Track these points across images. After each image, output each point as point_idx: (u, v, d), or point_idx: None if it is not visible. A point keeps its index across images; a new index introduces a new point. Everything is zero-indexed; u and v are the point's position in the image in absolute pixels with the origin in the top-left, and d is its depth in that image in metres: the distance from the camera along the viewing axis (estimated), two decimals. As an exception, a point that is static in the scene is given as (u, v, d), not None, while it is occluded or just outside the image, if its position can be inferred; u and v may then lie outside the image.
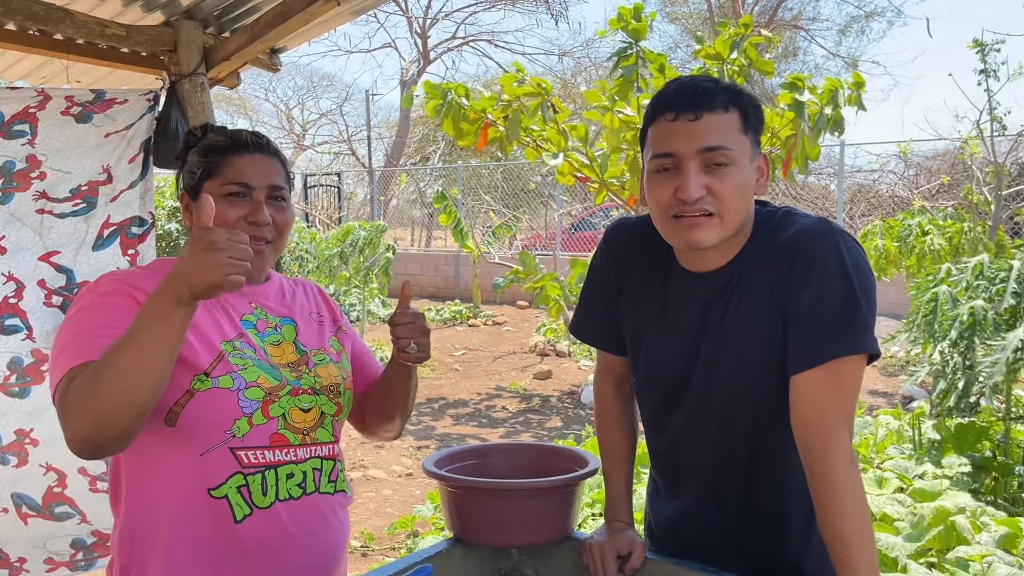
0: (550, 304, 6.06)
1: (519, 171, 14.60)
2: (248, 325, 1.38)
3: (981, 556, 2.65)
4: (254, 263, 1.26)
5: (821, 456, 1.22)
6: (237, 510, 1.29)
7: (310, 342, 1.44)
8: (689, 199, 1.25)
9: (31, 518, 2.63)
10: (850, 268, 1.24)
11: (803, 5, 19.91)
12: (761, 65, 4.61)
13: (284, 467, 1.33)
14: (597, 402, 1.61)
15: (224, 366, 1.30)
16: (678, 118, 1.26)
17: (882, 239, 6.31)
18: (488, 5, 21.57)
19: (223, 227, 1.25)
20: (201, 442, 1.28)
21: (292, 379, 1.36)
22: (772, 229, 1.33)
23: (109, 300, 1.27)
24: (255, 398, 1.31)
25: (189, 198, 1.39)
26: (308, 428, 1.37)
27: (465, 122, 5.35)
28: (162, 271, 1.25)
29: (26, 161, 2.53)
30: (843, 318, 1.23)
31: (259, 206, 1.34)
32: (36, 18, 2.45)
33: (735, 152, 1.26)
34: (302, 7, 2.45)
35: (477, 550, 1.51)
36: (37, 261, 2.56)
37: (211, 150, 1.37)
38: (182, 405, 1.27)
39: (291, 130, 25.33)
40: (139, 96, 2.69)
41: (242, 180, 1.34)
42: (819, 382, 1.23)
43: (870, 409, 5.44)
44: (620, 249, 1.47)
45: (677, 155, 1.26)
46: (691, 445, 1.42)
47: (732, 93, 1.28)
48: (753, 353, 1.31)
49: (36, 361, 2.58)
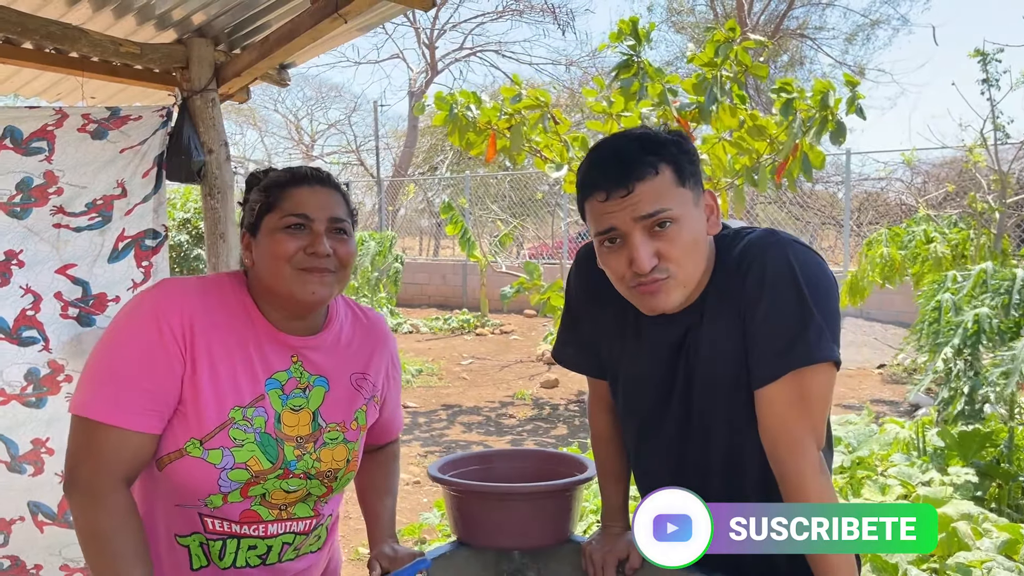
0: (556, 313, 6.10)
1: (527, 180, 14.67)
2: (274, 385, 1.34)
3: (981, 562, 2.67)
4: (317, 293, 1.29)
5: (791, 468, 1.23)
6: (195, 560, 1.34)
7: (332, 414, 1.39)
8: (643, 271, 1.23)
9: (47, 526, 2.69)
10: (800, 277, 1.23)
11: (809, 14, 19.94)
12: (755, 70, 4.65)
13: (248, 539, 1.35)
14: (592, 428, 1.61)
15: (221, 439, 1.28)
16: (609, 197, 1.24)
17: (887, 247, 6.34)
18: (495, 16, 21.71)
19: (283, 258, 1.28)
20: (177, 496, 1.32)
21: (291, 459, 1.33)
22: (724, 253, 1.32)
23: (146, 348, 1.25)
24: (238, 480, 1.30)
25: (249, 236, 1.35)
26: (287, 504, 1.37)
27: (473, 132, 5.41)
28: (218, 306, 1.30)
29: (44, 177, 2.60)
30: (796, 329, 1.22)
31: (318, 237, 1.30)
32: (53, 37, 2.53)
33: (675, 210, 1.23)
34: (310, 25, 2.51)
35: (480, 553, 1.55)
36: (54, 274, 2.63)
37: (270, 186, 1.35)
38: (172, 459, 1.29)
39: (299, 140, 25.51)
40: (152, 112, 2.76)
41: (301, 211, 1.31)
42: (780, 395, 1.23)
43: (876, 417, 5.45)
44: (593, 278, 1.40)
45: (618, 229, 1.24)
46: (670, 470, 1.42)
47: (657, 152, 1.24)
48: (725, 377, 1.31)
49: (53, 372, 2.65)
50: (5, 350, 2.57)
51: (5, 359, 2.58)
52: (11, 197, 2.56)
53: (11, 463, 2.62)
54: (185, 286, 1.32)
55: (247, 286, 1.36)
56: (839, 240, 11.19)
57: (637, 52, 4.72)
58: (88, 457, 1.23)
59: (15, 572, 2.67)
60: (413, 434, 6.38)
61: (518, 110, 5.10)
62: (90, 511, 1.21)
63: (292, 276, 1.29)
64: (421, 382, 8.28)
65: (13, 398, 2.60)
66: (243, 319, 1.33)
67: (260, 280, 1.33)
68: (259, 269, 1.32)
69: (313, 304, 1.33)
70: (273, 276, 1.30)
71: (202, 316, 1.29)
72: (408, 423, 6.73)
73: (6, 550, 2.64)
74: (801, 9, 19.59)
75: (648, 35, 4.79)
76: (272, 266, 1.29)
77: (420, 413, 7.09)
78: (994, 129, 6.51)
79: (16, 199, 2.57)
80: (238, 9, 2.67)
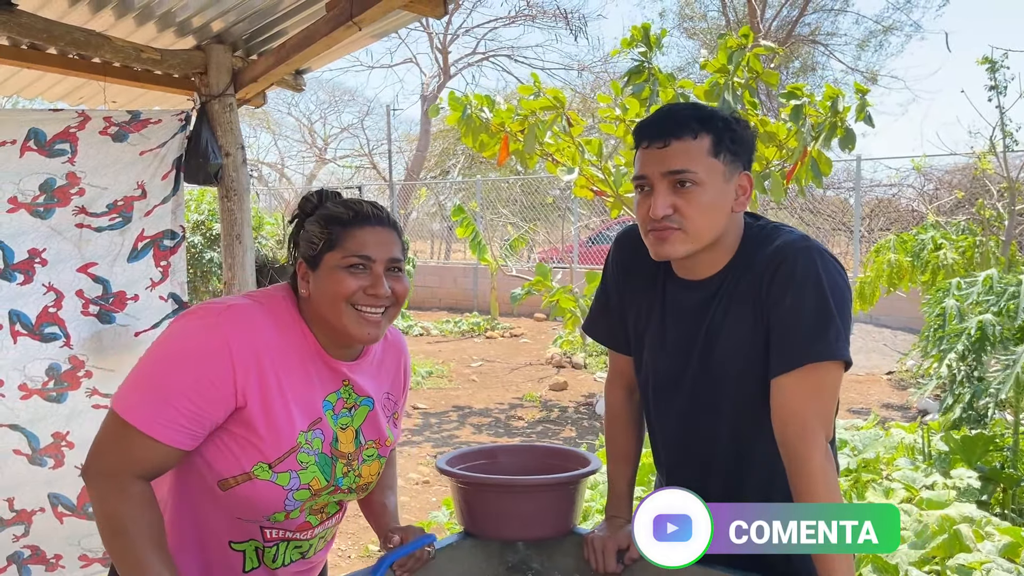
0: (566, 316, 6.16)
1: (538, 184, 14.73)
2: (328, 407, 1.40)
3: (980, 563, 2.71)
4: (372, 334, 1.35)
5: (800, 453, 1.32)
6: (248, 562, 1.42)
7: (370, 432, 1.47)
8: (656, 216, 1.39)
9: (67, 517, 2.77)
10: (825, 282, 1.35)
11: (821, 20, 19.92)
12: (766, 76, 4.70)
13: (295, 542, 1.45)
14: (608, 406, 1.71)
15: (289, 462, 1.34)
16: (650, 146, 1.40)
17: (895, 254, 6.36)
18: (508, 21, 21.79)
19: (343, 297, 1.33)
20: (239, 511, 1.37)
21: (339, 476, 1.41)
22: (758, 243, 1.44)
23: (205, 374, 1.27)
24: (301, 499, 1.37)
25: (308, 267, 1.38)
26: (327, 510, 1.47)
27: (486, 134, 5.47)
28: (277, 332, 1.34)
29: (66, 178, 2.68)
30: (818, 327, 1.34)
31: (379, 279, 1.35)
32: (77, 44, 2.61)
33: (700, 174, 1.37)
34: (326, 32, 2.58)
35: (486, 544, 1.61)
36: (76, 272, 2.71)
37: (332, 221, 1.37)
38: (238, 482, 1.33)
39: (312, 143, 25.66)
40: (171, 116, 2.84)
41: (363, 253, 1.35)
42: (796, 385, 1.34)
43: (883, 422, 5.47)
44: (628, 255, 1.59)
45: (648, 178, 1.40)
46: (684, 441, 1.53)
47: (704, 120, 1.39)
48: (737, 358, 1.42)
49: (73, 367, 2.72)
50: (28, 346, 2.65)
51: (28, 355, 2.66)
52: (35, 198, 2.65)
53: (32, 456, 2.70)
54: (256, 318, 1.34)
55: (298, 308, 1.41)
56: (850, 246, 11.19)
57: (648, 58, 4.78)
58: (117, 452, 1.28)
59: (36, 561, 2.75)
60: (424, 435, 6.44)
61: (534, 110, 5.15)
62: (110, 497, 1.26)
63: (351, 315, 1.34)
64: (431, 384, 8.34)
65: (35, 392, 2.68)
66: (303, 346, 1.38)
67: (316, 310, 1.37)
68: (317, 301, 1.36)
69: (367, 343, 1.40)
70: (332, 312, 1.35)
71: (271, 350, 1.33)
72: (419, 424, 6.80)
73: (27, 540, 2.71)
74: (813, 15, 19.58)
75: (659, 41, 4.85)
76: (332, 303, 1.34)
77: (431, 414, 7.16)
78: (1003, 136, 6.53)
79: (40, 199, 2.65)
80: (256, 16, 2.74)
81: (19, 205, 2.63)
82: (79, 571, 2.81)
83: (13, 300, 2.62)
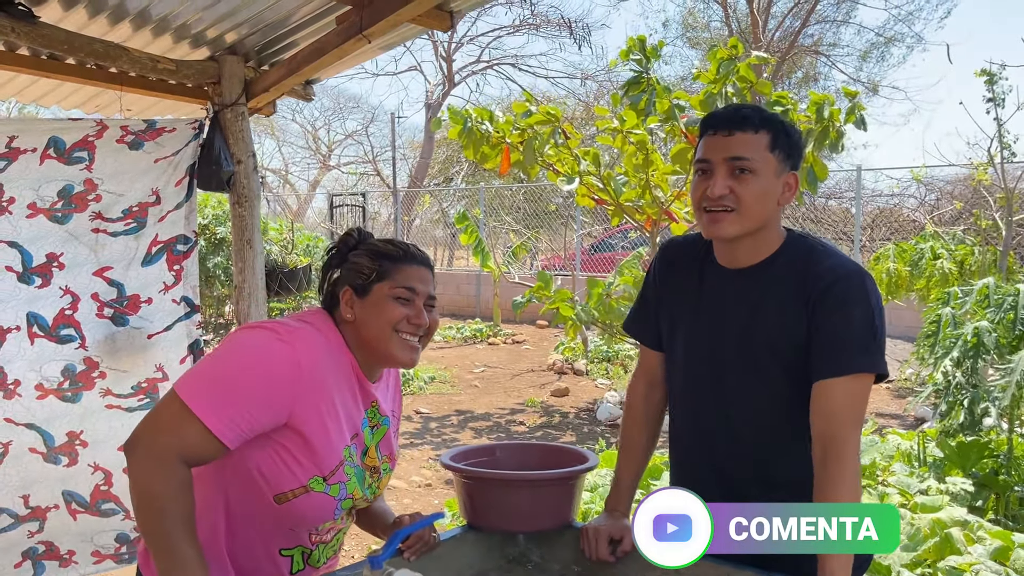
0: (567, 324, 6.22)
1: (540, 192, 14.82)
2: (364, 424, 1.55)
3: (969, 565, 2.77)
4: (413, 359, 1.52)
5: (837, 451, 1.43)
6: (295, 565, 1.54)
7: (384, 448, 1.62)
8: (713, 195, 1.52)
9: (80, 514, 2.84)
10: (873, 303, 1.50)
11: (824, 31, 20.03)
12: (760, 86, 4.78)
13: (330, 543, 1.60)
14: (628, 399, 1.82)
15: (339, 475, 1.47)
16: (716, 134, 1.54)
17: (894, 263, 6.44)
18: (512, 30, 21.93)
19: (391, 323, 1.49)
20: (293, 522, 1.49)
21: (366, 487, 1.56)
22: (804, 250, 1.57)
23: (274, 383, 1.37)
24: (346, 507, 1.53)
25: (354, 294, 1.53)
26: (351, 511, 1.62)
27: (487, 146, 5.55)
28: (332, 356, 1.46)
29: (84, 185, 2.76)
30: (866, 341, 1.48)
31: (421, 311, 1.52)
32: (96, 54, 2.69)
33: (758, 164, 1.51)
34: (336, 44, 2.67)
35: (487, 537, 1.69)
36: (91, 276, 2.79)
37: (384, 256, 1.54)
38: (296, 495, 1.44)
39: (317, 150, 25.78)
40: (185, 124, 2.92)
41: (410, 285, 1.52)
42: (841, 389, 1.46)
43: (880, 429, 5.53)
44: (669, 257, 1.74)
45: (710, 161, 1.54)
46: (708, 428, 1.62)
47: (765, 119, 1.54)
48: (768, 350, 1.54)
49: (88, 368, 2.80)
50: (44, 347, 2.74)
51: (44, 356, 2.74)
52: (53, 203, 2.73)
53: (47, 454, 2.78)
54: (320, 342, 1.47)
55: (339, 332, 1.54)
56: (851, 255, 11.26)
57: (646, 69, 4.87)
58: (169, 433, 1.34)
59: (50, 557, 2.82)
60: (424, 438, 6.51)
61: (530, 125, 5.25)
62: (156, 476, 1.32)
63: (396, 341, 1.50)
64: (434, 389, 8.41)
65: (51, 392, 2.76)
66: (348, 369, 1.51)
67: (361, 334, 1.51)
68: (364, 325, 1.50)
69: (407, 367, 1.55)
70: (379, 336, 1.50)
71: (332, 372, 1.46)
72: (420, 428, 6.87)
73: (41, 536, 2.79)
74: (816, 26, 19.69)
75: (657, 52, 4.93)
76: (381, 328, 1.49)
77: (432, 418, 7.23)
78: (1000, 148, 6.61)
79: (58, 205, 2.74)
80: (268, 29, 2.83)
81: (38, 211, 2.71)
82: (91, 566, 2.89)
83: (31, 303, 2.70)
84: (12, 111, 11.40)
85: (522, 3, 19.60)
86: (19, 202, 2.68)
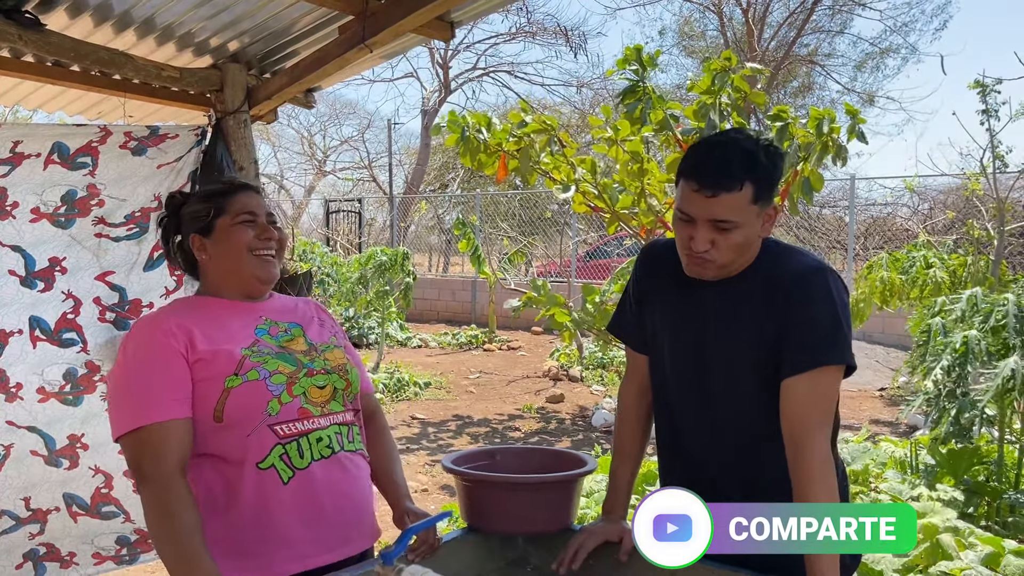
0: (562, 329, 6.26)
1: (536, 199, 14.87)
2: (261, 332, 1.67)
3: (960, 570, 2.81)
4: (272, 271, 1.67)
5: (804, 447, 1.46)
6: (283, 474, 1.57)
7: (317, 338, 1.74)
8: (696, 250, 1.55)
9: (80, 516, 2.86)
10: (835, 298, 1.54)
11: (819, 41, 20.15)
12: (754, 97, 4.83)
13: (312, 434, 1.61)
14: (619, 403, 1.86)
15: (247, 366, 1.58)
16: (700, 190, 1.52)
17: (887, 271, 6.50)
18: (508, 37, 22.00)
19: (244, 245, 1.65)
20: (245, 426, 1.56)
21: (307, 362, 1.65)
22: (772, 255, 1.61)
23: (154, 351, 1.55)
24: (279, 383, 1.60)
25: (202, 237, 1.69)
26: (324, 401, 1.65)
27: (484, 154, 5.59)
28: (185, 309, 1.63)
29: (87, 190, 2.78)
30: (830, 335, 1.51)
31: (267, 227, 1.69)
32: (101, 62, 2.73)
33: (740, 220, 1.52)
34: (338, 53, 2.70)
35: (488, 539, 1.72)
36: (94, 280, 2.81)
37: (214, 195, 1.71)
38: (223, 402, 1.55)
39: (313, 155, 25.80)
40: (188, 131, 2.95)
41: (248, 209, 1.68)
42: (806, 385, 1.50)
43: (873, 437, 5.58)
44: (648, 264, 1.78)
45: (693, 217, 1.54)
46: (688, 433, 1.66)
47: (750, 170, 1.51)
48: (743, 355, 1.58)
49: (89, 372, 2.82)
50: (46, 351, 2.75)
51: (46, 359, 2.76)
52: (56, 208, 2.75)
53: (49, 457, 2.79)
54: (163, 310, 1.69)
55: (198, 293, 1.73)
56: (844, 264, 11.33)
57: (643, 78, 4.92)
58: (144, 456, 1.50)
59: (51, 559, 2.84)
60: (421, 443, 6.54)
61: (526, 134, 5.29)
62: (160, 498, 1.47)
63: (253, 261, 1.67)
64: (429, 395, 8.43)
65: (52, 396, 2.78)
66: (211, 304, 1.68)
67: (221, 268, 1.68)
68: (221, 259, 1.67)
69: (268, 281, 1.69)
70: (236, 262, 1.66)
71: (185, 312, 1.64)
72: (416, 433, 6.89)
73: (42, 538, 2.80)
74: (811, 36, 19.82)
75: (653, 61, 4.98)
76: (236, 254, 1.66)
77: (429, 424, 7.25)
78: (993, 158, 6.68)
79: (61, 210, 2.76)
80: (270, 37, 2.86)
81: (41, 215, 2.73)
82: (92, 568, 2.90)
83: (34, 306, 2.72)
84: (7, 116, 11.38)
85: (519, 11, 19.69)
86: (23, 206, 2.70)
